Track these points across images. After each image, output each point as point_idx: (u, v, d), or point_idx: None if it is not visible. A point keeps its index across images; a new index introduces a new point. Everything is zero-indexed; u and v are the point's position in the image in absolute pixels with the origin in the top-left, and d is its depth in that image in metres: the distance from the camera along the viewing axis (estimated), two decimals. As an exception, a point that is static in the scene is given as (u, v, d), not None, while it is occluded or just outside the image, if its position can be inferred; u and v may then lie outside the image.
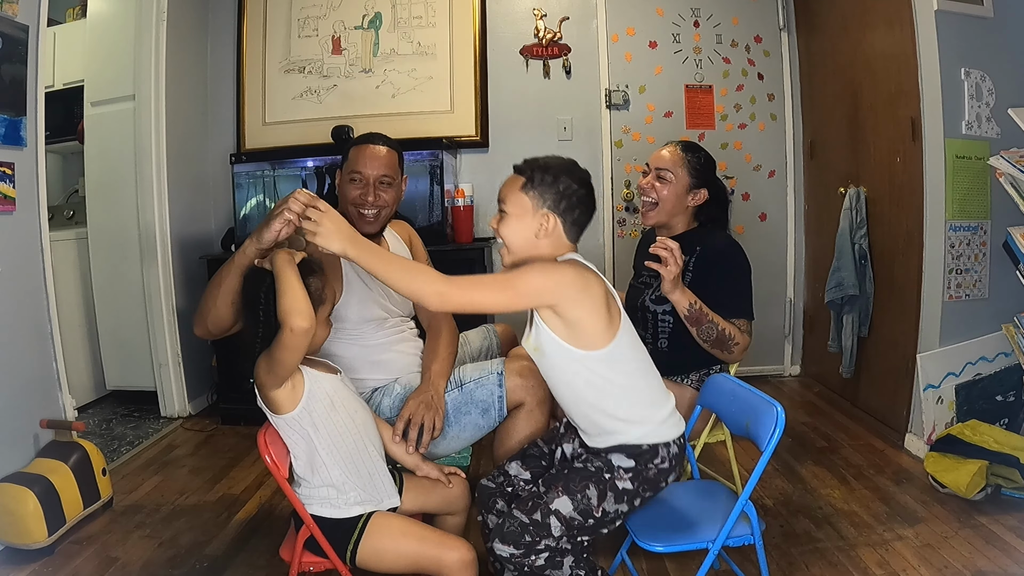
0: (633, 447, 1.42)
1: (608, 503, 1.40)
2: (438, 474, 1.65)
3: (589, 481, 1.40)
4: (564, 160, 1.45)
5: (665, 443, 1.43)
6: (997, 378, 2.61)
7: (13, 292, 2.24)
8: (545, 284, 1.35)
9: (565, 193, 1.40)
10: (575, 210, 1.41)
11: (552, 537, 1.38)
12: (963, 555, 1.90)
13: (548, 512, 1.39)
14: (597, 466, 1.42)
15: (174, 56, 3.29)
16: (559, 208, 1.40)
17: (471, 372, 1.83)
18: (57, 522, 2.08)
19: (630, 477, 1.41)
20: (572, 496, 1.39)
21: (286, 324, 1.34)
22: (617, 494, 1.40)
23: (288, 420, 1.45)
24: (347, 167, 1.92)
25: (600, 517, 1.40)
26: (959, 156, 2.51)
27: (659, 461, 1.42)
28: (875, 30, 2.88)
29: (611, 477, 1.40)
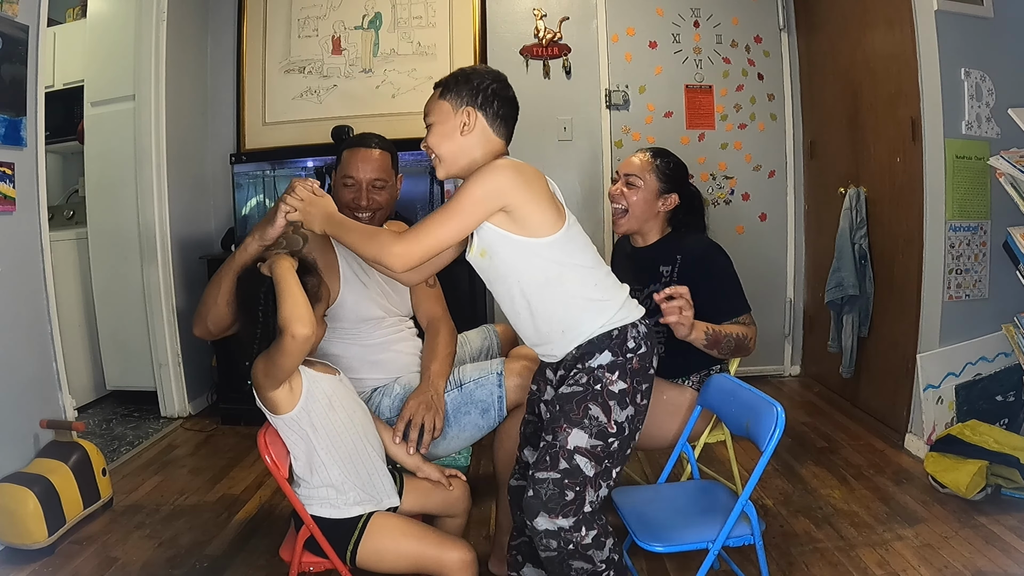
0: (601, 338, 1.40)
1: (616, 413, 1.38)
2: (439, 476, 1.65)
3: (586, 402, 1.38)
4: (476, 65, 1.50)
5: (632, 323, 1.42)
6: (997, 378, 2.61)
7: (13, 292, 2.24)
8: (486, 188, 1.35)
9: (480, 87, 1.43)
10: (494, 102, 1.43)
11: (587, 478, 1.34)
12: (963, 555, 1.90)
13: (570, 454, 1.35)
14: (583, 382, 1.39)
15: (174, 56, 3.29)
16: (477, 102, 1.42)
17: (471, 372, 1.83)
18: (57, 522, 2.08)
19: (618, 374, 1.39)
20: (580, 425, 1.36)
21: (288, 331, 1.34)
22: (618, 399, 1.38)
23: (287, 420, 1.45)
24: (340, 170, 1.92)
25: (617, 432, 1.38)
26: (959, 156, 2.51)
27: (633, 345, 1.41)
28: (875, 30, 2.88)
29: (602, 386, 1.38)
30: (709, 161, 3.66)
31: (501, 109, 1.44)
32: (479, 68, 1.48)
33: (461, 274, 3.14)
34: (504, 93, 1.45)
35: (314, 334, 1.37)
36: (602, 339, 1.40)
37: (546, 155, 3.62)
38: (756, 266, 3.66)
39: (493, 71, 1.48)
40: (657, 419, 1.82)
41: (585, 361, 1.41)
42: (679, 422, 1.83)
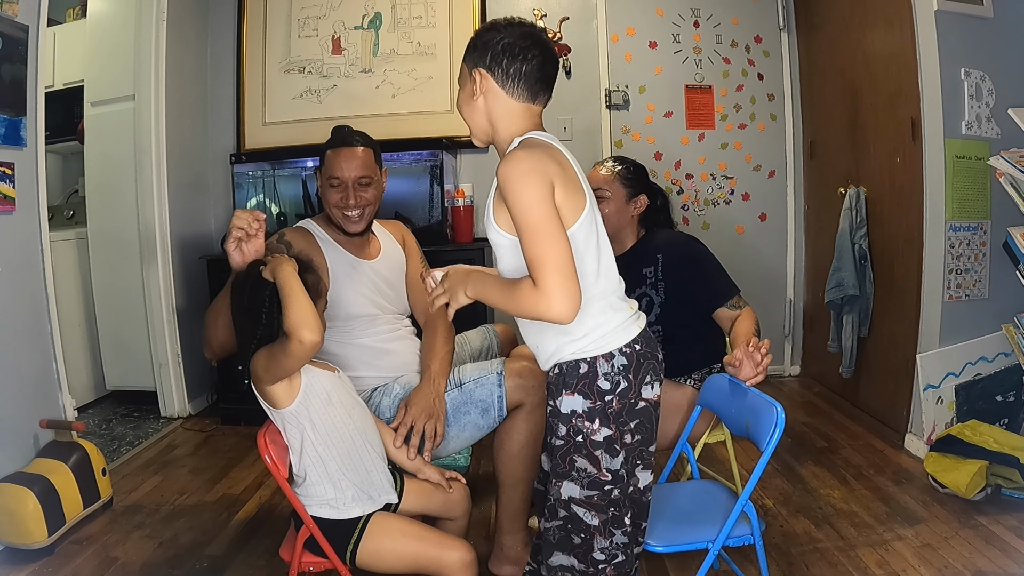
0: (569, 369, 1.26)
1: (606, 461, 1.26)
2: (439, 478, 1.65)
3: (570, 455, 1.27)
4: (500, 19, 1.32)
5: (603, 355, 1.25)
6: (997, 378, 2.61)
7: (13, 292, 2.24)
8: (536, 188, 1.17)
9: (490, 44, 1.26)
10: (503, 60, 1.25)
11: (591, 527, 1.27)
12: (963, 555, 1.90)
13: (565, 504, 1.28)
14: (562, 434, 1.27)
15: (174, 56, 3.29)
16: (485, 62, 1.26)
17: (471, 372, 1.83)
18: (57, 522, 2.08)
19: (599, 422, 1.25)
20: (569, 478, 1.27)
21: (295, 336, 1.34)
22: (604, 447, 1.25)
23: (285, 415, 1.45)
24: (325, 172, 1.92)
25: (613, 479, 1.26)
26: (959, 156, 2.51)
27: (607, 386, 1.24)
28: (875, 30, 2.88)
29: (583, 437, 1.25)
30: (709, 161, 3.66)
31: (512, 67, 1.25)
32: (501, 23, 1.30)
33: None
34: (519, 48, 1.25)
35: (322, 341, 1.38)
36: (571, 371, 1.26)
37: (546, 155, 3.62)
38: (756, 266, 3.66)
39: (516, 24, 1.29)
40: (657, 418, 1.82)
41: (555, 398, 1.28)
42: (679, 422, 1.83)
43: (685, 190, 3.67)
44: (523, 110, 1.29)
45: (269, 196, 3.41)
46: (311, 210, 3.35)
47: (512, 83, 1.27)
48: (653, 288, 2.02)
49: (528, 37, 1.28)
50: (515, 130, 1.29)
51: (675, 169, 3.66)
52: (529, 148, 1.22)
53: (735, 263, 2.00)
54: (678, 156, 3.66)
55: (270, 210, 3.42)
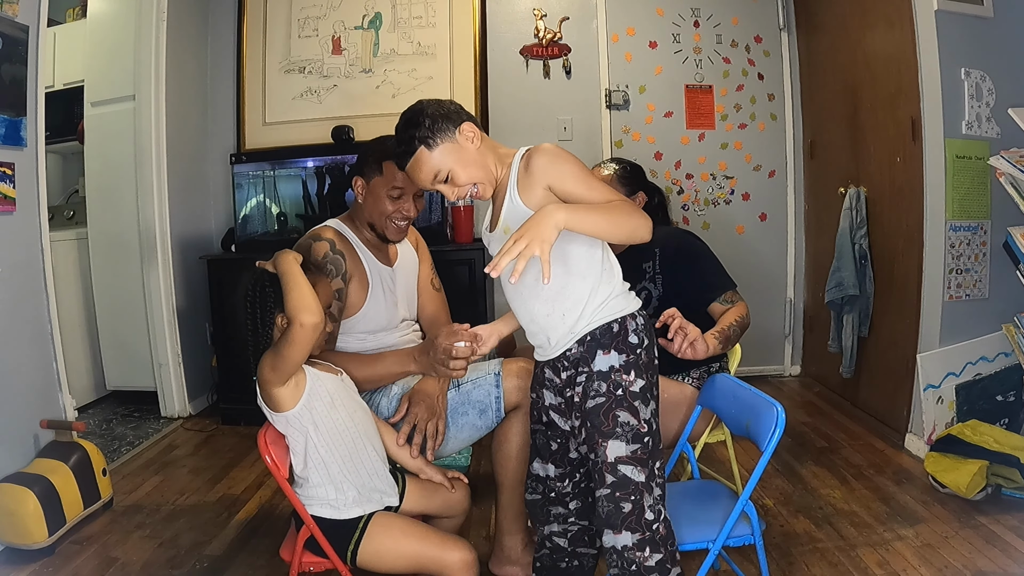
0: (602, 331, 1.37)
1: (643, 411, 1.35)
2: (441, 478, 1.65)
3: (613, 411, 1.34)
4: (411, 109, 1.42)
5: (630, 314, 1.39)
6: (997, 378, 2.61)
7: (13, 292, 2.24)
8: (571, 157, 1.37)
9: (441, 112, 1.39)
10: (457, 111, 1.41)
11: (638, 484, 1.32)
12: (963, 555, 1.90)
13: (612, 467, 1.33)
14: (603, 391, 1.35)
15: (174, 56, 3.29)
16: (460, 120, 1.39)
17: (468, 373, 1.82)
18: (57, 522, 2.08)
19: (634, 373, 1.36)
20: (614, 435, 1.34)
21: (296, 320, 1.37)
22: (641, 397, 1.35)
23: (288, 418, 1.45)
24: (383, 181, 1.84)
25: (648, 430, 1.35)
26: (959, 156, 2.51)
27: (636, 340, 1.38)
28: (875, 30, 2.88)
29: (623, 390, 1.35)
30: (709, 161, 3.66)
31: (461, 110, 1.42)
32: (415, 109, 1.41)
33: (461, 274, 3.17)
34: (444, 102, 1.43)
35: (322, 322, 1.40)
36: (603, 333, 1.37)
37: (546, 155, 3.62)
38: (756, 266, 3.66)
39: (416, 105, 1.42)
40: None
41: (590, 363, 1.37)
42: (679, 420, 1.83)
43: (685, 190, 3.67)
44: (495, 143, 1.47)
45: (269, 196, 3.41)
46: (311, 210, 3.35)
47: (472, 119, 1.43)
48: (651, 282, 2.03)
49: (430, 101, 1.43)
50: (502, 152, 1.44)
51: (675, 169, 3.66)
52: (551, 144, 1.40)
53: (735, 263, 2.00)
54: (678, 156, 3.66)
55: (270, 210, 3.42)
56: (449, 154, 1.38)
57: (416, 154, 1.38)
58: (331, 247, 1.80)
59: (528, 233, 1.24)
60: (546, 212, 1.26)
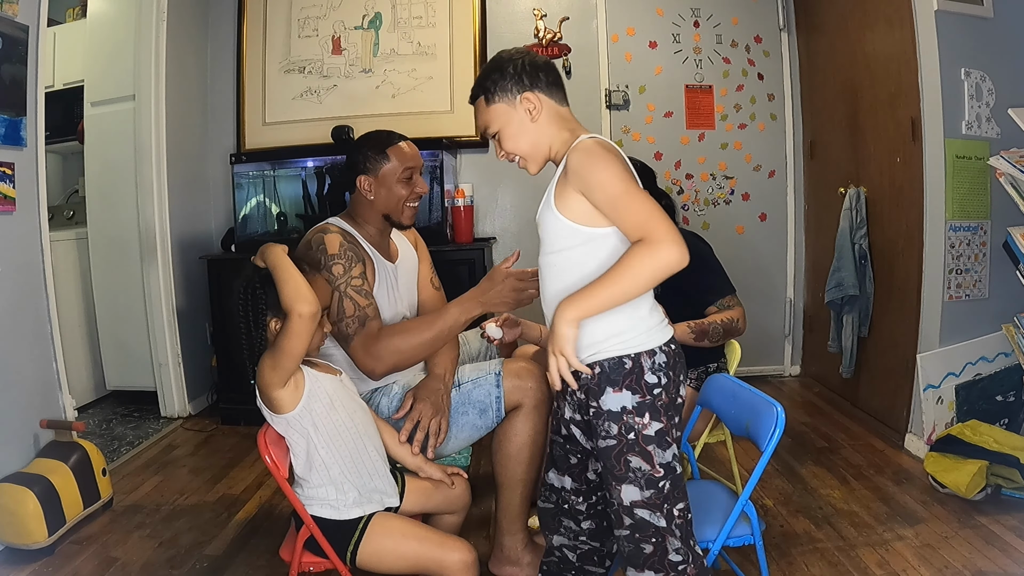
0: (614, 366, 1.26)
1: (658, 456, 1.26)
2: (441, 475, 1.65)
3: (624, 455, 1.26)
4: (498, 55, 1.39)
5: (647, 351, 1.28)
6: (997, 378, 2.61)
7: (13, 292, 2.24)
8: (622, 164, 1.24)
9: (519, 70, 1.33)
10: (538, 75, 1.34)
11: (659, 528, 1.27)
12: (963, 555, 1.90)
13: (628, 510, 1.28)
14: (614, 433, 1.27)
15: (174, 56, 3.29)
16: (526, 84, 1.33)
17: (469, 372, 1.83)
18: (57, 522, 2.08)
19: (649, 415, 1.26)
20: (627, 480, 1.27)
21: (292, 311, 1.37)
22: (656, 441, 1.26)
23: (288, 420, 1.45)
24: (394, 167, 1.87)
25: (665, 473, 1.27)
26: (959, 156, 2.51)
27: (653, 380, 1.27)
28: (875, 30, 2.88)
29: (635, 434, 1.26)
30: (709, 161, 3.66)
31: (549, 77, 1.35)
32: (501, 56, 1.37)
33: (461, 274, 3.17)
34: (538, 61, 1.36)
35: (318, 311, 1.40)
36: (614, 368, 1.27)
37: (546, 155, 3.62)
38: (756, 266, 3.67)
39: (512, 51, 1.38)
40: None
41: (599, 397, 1.28)
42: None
43: (685, 190, 3.67)
44: (567, 113, 1.37)
45: (269, 196, 3.41)
46: (311, 210, 3.35)
47: (555, 91, 1.36)
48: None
49: (529, 52, 1.38)
50: (569, 133, 1.34)
51: (675, 169, 3.66)
52: (598, 139, 1.29)
53: (735, 263, 2.01)
54: (678, 156, 3.66)
55: (270, 210, 3.42)
56: (502, 115, 1.35)
57: (476, 101, 1.38)
58: (346, 248, 1.79)
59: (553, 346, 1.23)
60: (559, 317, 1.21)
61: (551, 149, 1.35)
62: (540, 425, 1.78)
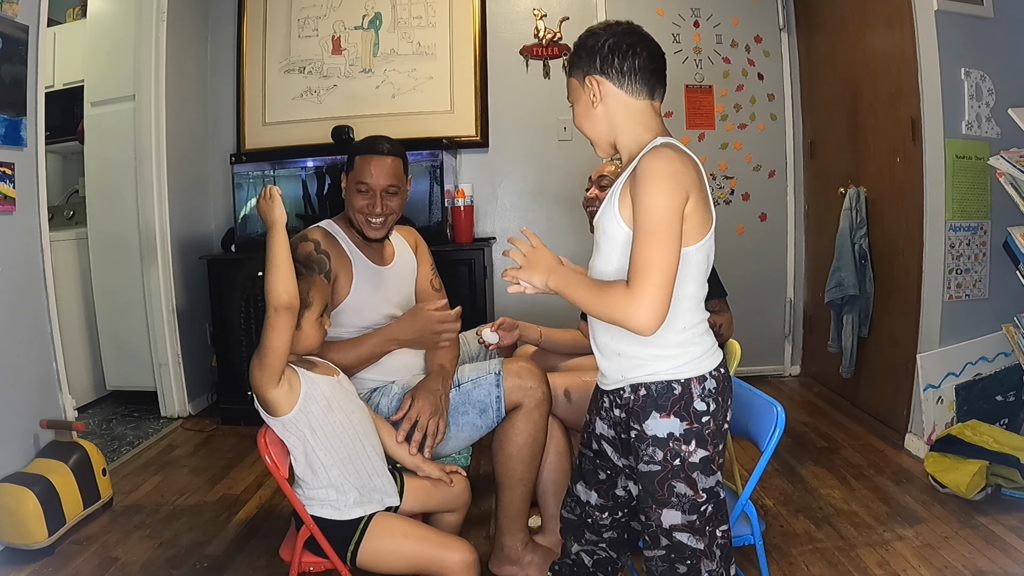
0: (661, 390, 1.22)
1: (702, 482, 1.23)
2: (440, 474, 1.65)
3: (668, 481, 1.23)
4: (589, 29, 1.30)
5: (698, 376, 1.23)
6: (997, 378, 2.61)
7: (13, 292, 2.24)
8: (673, 196, 1.14)
9: (596, 48, 1.25)
10: (614, 59, 1.24)
11: (696, 551, 1.24)
12: (963, 555, 1.90)
13: (667, 533, 1.24)
14: (659, 459, 1.23)
15: (174, 56, 3.29)
16: (597, 67, 1.24)
17: (469, 372, 1.83)
18: (57, 522, 2.08)
19: (695, 443, 1.22)
20: (669, 505, 1.24)
21: (269, 304, 1.36)
22: (701, 468, 1.23)
23: (285, 422, 1.44)
24: (353, 176, 1.90)
25: (708, 498, 1.24)
26: (959, 156, 2.51)
27: (702, 407, 1.22)
28: (875, 30, 2.88)
29: (681, 460, 1.22)
30: (709, 161, 3.66)
31: (625, 64, 1.23)
32: (599, 27, 1.29)
33: (461, 274, 3.17)
34: (626, 44, 1.24)
35: (294, 303, 1.38)
36: (662, 392, 1.22)
37: (546, 155, 3.62)
38: (756, 266, 3.66)
39: (615, 23, 1.28)
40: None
41: (642, 421, 1.24)
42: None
43: (685, 190, 3.66)
44: (645, 108, 1.26)
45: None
46: (311, 210, 3.35)
47: (630, 81, 1.24)
48: None
49: (631, 33, 1.27)
50: (642, 130, 1.25)
51: (675, 169, 3.65)
52: (675, 150, 1.20)
53: (735, 263, 2.00)
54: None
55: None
56: (574, 90, 1.30)
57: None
58: (316, 247, 1.82)
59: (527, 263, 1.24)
60: (543, 267, 1.23)
61: (618, 142, 1.28)
62: (540, 424, 1.78)
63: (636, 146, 1.24)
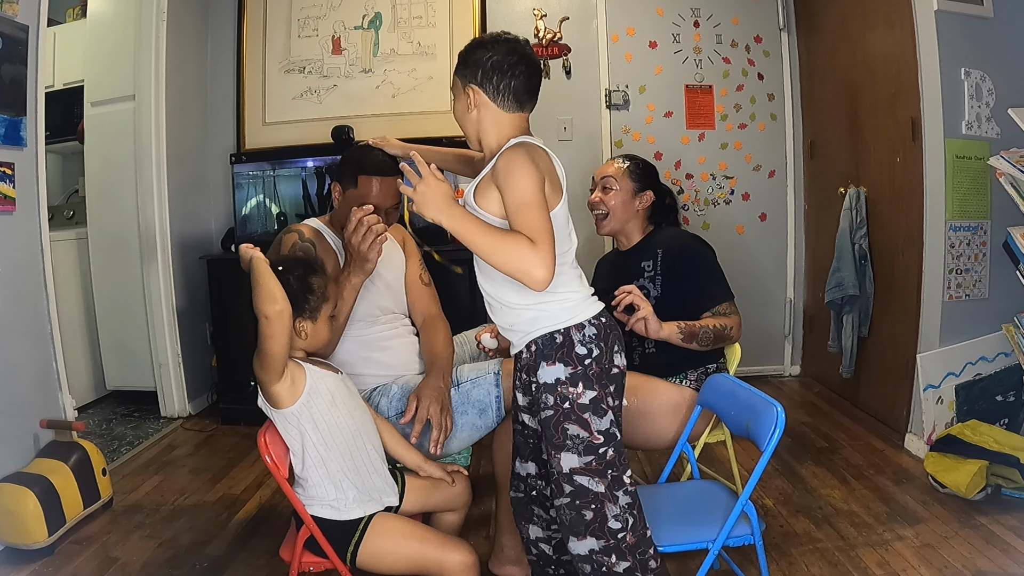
0: (545, 341, 1.35)
1: (595, 423, 1.33)
2: (441, 474, 1.65)
3: (561, 423, 1.33)
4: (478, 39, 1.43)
5: (575, 324, 1.35)
6: (997, 378, 2.61)
7: (13, 292, 2.24)
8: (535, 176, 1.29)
9: (479, 62, 1.37)
10: (493, 77, 1.37)
11: (599, 494, 1.32)
12: (963, 555, 1.90)
13: (568, 477, 1.33)
14: (550, 403, 1.34)
15: (174, 56, 3.29)
16: (477, 79, 1.38)
17: (468, 372, 1.83)
18: (57, 522, 2.08)
19: (582, 385, 1.33)
20: (565, 448, 1.33)
21: (260, 314, 1.36)
22: (591, 409, 1.33)
23: (287, 415, 1.45)
24: (355, 194, 1.87)
25: (605, 440, 1.33)
26: (959, 156, 2.51)
27: (583, 352, 1.34)
28: (875, 30, 2.88)
29: (570, 403, 1.33)
30: (709, 161, 3.66)
31: (502, 83, 1.37)
32: (488, 40, 1.40)
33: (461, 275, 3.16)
34: (507, 64, 1.36)
35: (286, 308, 1.37)
36: (546, 343, 1.35)
37: (546, 155, 3.62)
38: (756, 266, 3.66)
39: (502, 40, 1.39)
40: (657, 419, 1.83)
41: (535, 373, 1.36)
42: (679, 422, 1.83)
43: (685, 190, 3.67)
44: (512, 119, 1.40)
45: (269, 196, 3.41)
46: (311, 210, 3.35)
47: (502, 97, 1.38)
48: (651, 281, 2.03)
49: (513, 53, 1.38)
50: (505, 135, 1.39)
51: (675, 169, 3.66)
52: (527, 147, 1.34)
53: (735, 263, 2.00)
54: (678, 156, 3.66)
55: (270, 210, 3.42)
56: (455, 87, 1.43)
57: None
58: (299, 236, 1.84)
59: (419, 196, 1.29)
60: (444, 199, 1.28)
61: (483, 140, 1.42)
62: None
63: (497, 146, 1.38)
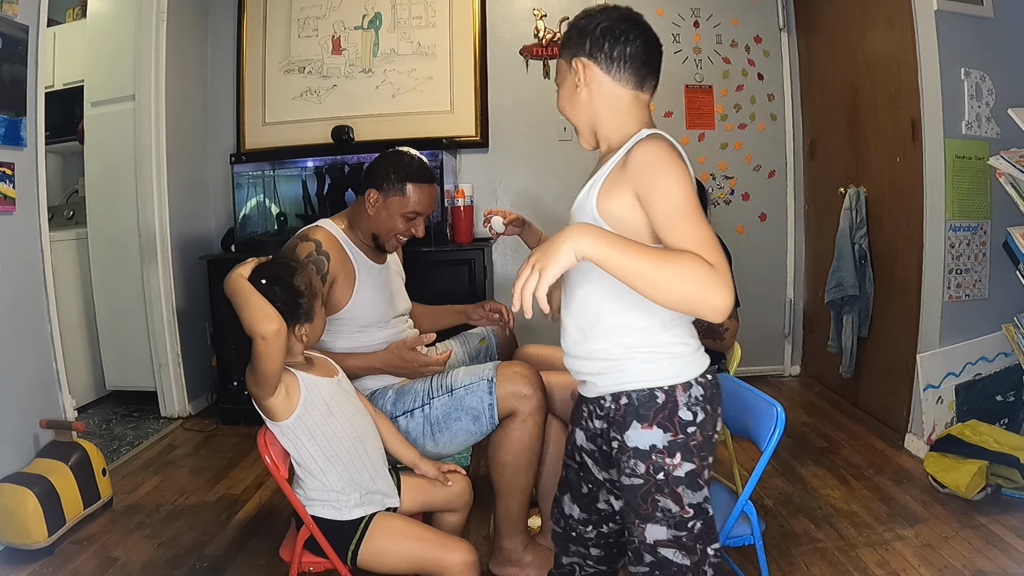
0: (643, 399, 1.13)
1: (688, 497, 1.14)
2: (436, 473, 1.64)
3: (651, 495, 1.14)
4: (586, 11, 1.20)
5: (683, 383, 1.14)
6: (997, 378, 2.61)
7: (13, 292, 2.24)
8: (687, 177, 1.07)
9: (586, 30, 1.15)
10: (604, 44, 1.14)
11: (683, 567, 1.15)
12: (963, 555, 1.90)
13: (651, 548, 1.15)
14: (640, 472, 1.14)
15: (174, 56, 3.29)
16: (586, 49, 1.15)
17: (462, 377, 1.79)
18: (57, 522, 2.08)
19: (680, 456, 1.13)
20: (653, 520, 1.15)
21: (255, 335, 1.33)
22: (686, 483, 1.14)
23: (283, 428, 1.44)
24: (403, 201, 1.84)
25: (696, 514, 1.15)
26: (959, 156, 2.51)
27: (688, 417, 1.13)
28: (875, 30, 2.88)
29: (664, 474, 1.13)
30: (709, 161, 3.66)
31: (616, 50, 1.14)
32: (596, 8, 1.18)
33: (461, 274, 3.17)
34: (619, 29, 1.15)
35: (282, 326, 1.35)
36: (643, 401, 1.14)
37: (546, 155, 3.62)
38: (756, 266, 3.66)
39: (614, 7, 1.18)
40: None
41: (622, 432, 1.15)
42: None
43: (685, 190, 3.67)
44: (631, 99, 1.18)
45: (269, 196, 3.41)
46: (311, 210, 3.35)
47: (617, 68, 1.16)
48: None
49: (627, 19, 1.17)
50: (626, 121, 1.17)
51: (675, 169, 3.66)
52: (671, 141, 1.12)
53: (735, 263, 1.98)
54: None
55: (270, 210, 3.42)
56: (560, 72, 1.22)
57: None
58: (317, 247, 1.81)
59: (538, 256, 1.01)
60: (570, 232, 1.01)
61: (599, 131, 1.19)
62: (535, 432, 1.74)
63: (619, 137, 1.16)
